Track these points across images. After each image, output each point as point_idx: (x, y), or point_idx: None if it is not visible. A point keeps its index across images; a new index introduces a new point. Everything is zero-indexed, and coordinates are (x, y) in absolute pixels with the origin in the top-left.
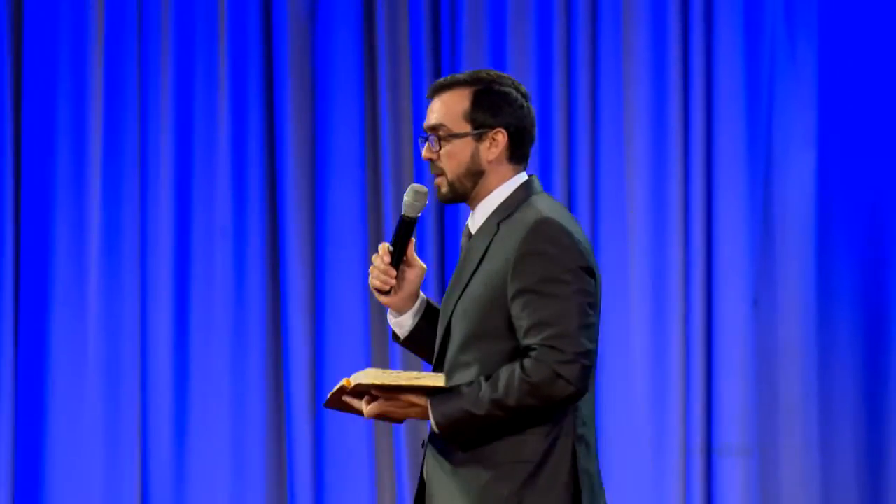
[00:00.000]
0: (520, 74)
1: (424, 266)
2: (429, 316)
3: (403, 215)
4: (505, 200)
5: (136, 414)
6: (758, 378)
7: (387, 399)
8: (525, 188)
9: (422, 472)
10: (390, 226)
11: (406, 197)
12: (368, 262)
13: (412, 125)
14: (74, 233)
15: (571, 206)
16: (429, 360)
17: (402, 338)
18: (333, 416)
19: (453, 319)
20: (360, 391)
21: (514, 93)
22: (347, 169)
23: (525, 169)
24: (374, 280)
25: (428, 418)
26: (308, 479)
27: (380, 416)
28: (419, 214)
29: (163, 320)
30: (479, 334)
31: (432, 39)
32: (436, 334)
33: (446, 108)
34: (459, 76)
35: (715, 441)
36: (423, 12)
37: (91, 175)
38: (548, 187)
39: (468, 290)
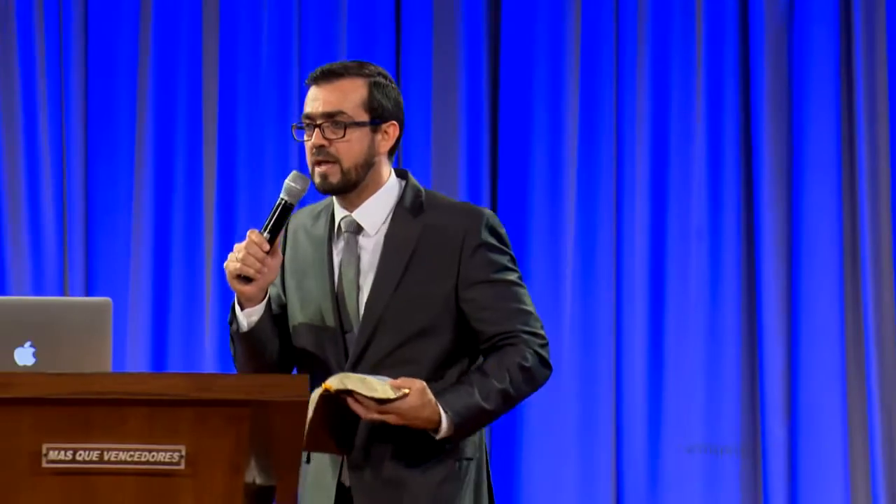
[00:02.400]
0: None
1: (282, 256)
2: (269, 312)
3: (285, 200)
4: (402, 195)
5: (611, 415)
6: None
7: (383, 412)
8: (411, 182)
9: (339, 481)
10: (867, 225)
11: (290, 182)
12: (843, 264)
13: (889, 125)
14: (551, 234)
15: None
16: (255, 356)
17: (244, 330)
18: (808, 419)
19: (386, 315)
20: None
21: (397, 88)
22: (823, 169)
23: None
24: (248, 267)
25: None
26: (783, 482)
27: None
28: (297, 202)
29: (638, 321)
30: (423, 330)
31: None
32: (271, 331)
33: (345, 96)
34: (348, 65)
35: None
36: None
37: (567, 176)
38: None
39: (406, 286)
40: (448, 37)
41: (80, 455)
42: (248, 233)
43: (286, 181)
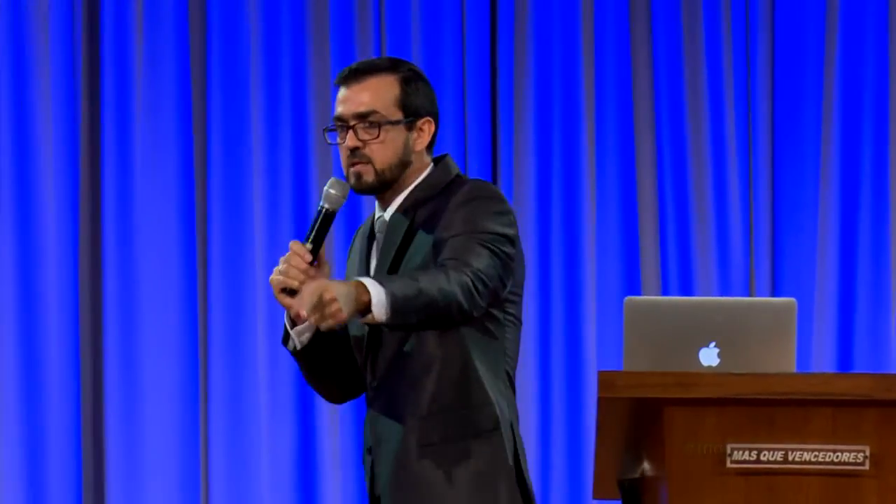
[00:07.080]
0: None
1: (330, 266)
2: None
3: (326, 209)
4: (421, 182)
5: None
6: None
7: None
8: (443, 170)
9: (371, 487)
10: None
11: (329, 189)
12: None
13: None
14: None
15: None
16: (318, 375)
17: (298, 348)
18: None
19: None
20: None
21: (430, 84)
22: None
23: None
24: (291, 280)
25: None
26: None
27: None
28: (338, 209)
29: None
30: None
31: None
32: (330, 349)
33: (377, 95)
34: (378, 62)
35: None
36: None
37: None
38: None
39: (401, 267)
40: None
41: (765, 455)
42: (290, 244)
43: (325, 188)
